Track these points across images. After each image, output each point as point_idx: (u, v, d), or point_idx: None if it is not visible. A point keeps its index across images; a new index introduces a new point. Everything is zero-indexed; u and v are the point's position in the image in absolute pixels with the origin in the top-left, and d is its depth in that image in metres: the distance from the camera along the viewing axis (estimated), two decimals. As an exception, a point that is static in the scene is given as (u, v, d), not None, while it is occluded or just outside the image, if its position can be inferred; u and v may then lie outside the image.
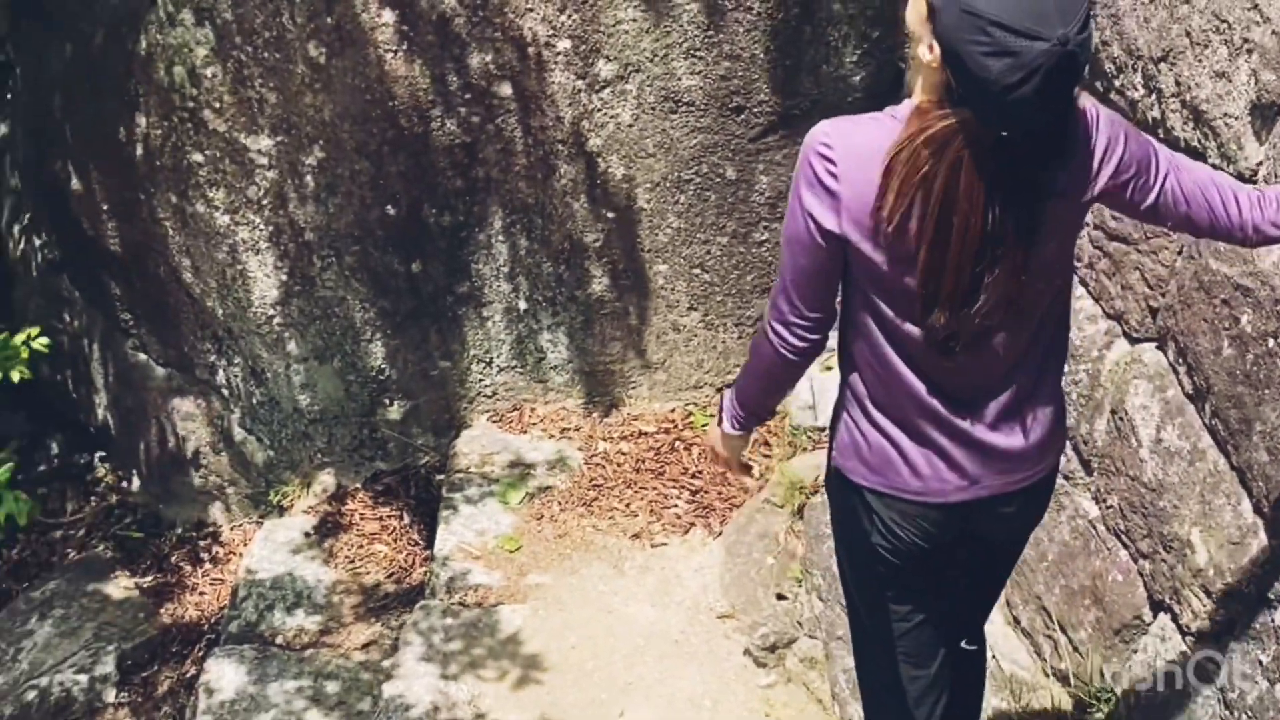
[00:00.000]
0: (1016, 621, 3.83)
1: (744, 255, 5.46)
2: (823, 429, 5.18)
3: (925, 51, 2.24)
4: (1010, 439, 2.62)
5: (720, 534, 5.12)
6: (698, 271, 5.52)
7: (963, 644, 3.06)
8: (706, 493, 5.32)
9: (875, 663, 3.07)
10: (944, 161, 2.22)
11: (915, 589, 2.86)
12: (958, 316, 2.35)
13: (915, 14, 2.28)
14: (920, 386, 2.55)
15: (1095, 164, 2.36)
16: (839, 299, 2.58)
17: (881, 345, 2.52)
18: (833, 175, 2.33)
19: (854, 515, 2.79)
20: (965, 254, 2.28)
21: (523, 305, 5.65)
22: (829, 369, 5.36)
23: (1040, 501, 2.87)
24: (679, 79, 5.13)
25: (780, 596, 4.67)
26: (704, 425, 5.63)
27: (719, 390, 5.75)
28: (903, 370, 2.54)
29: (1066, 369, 3.58)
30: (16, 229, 6.83)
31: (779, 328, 2.57)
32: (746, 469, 3.14)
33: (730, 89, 5.15)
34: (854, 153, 2.33)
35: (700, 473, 5.41)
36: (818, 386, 5.29)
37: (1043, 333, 2.57)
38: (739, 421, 2.91)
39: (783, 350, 2.59)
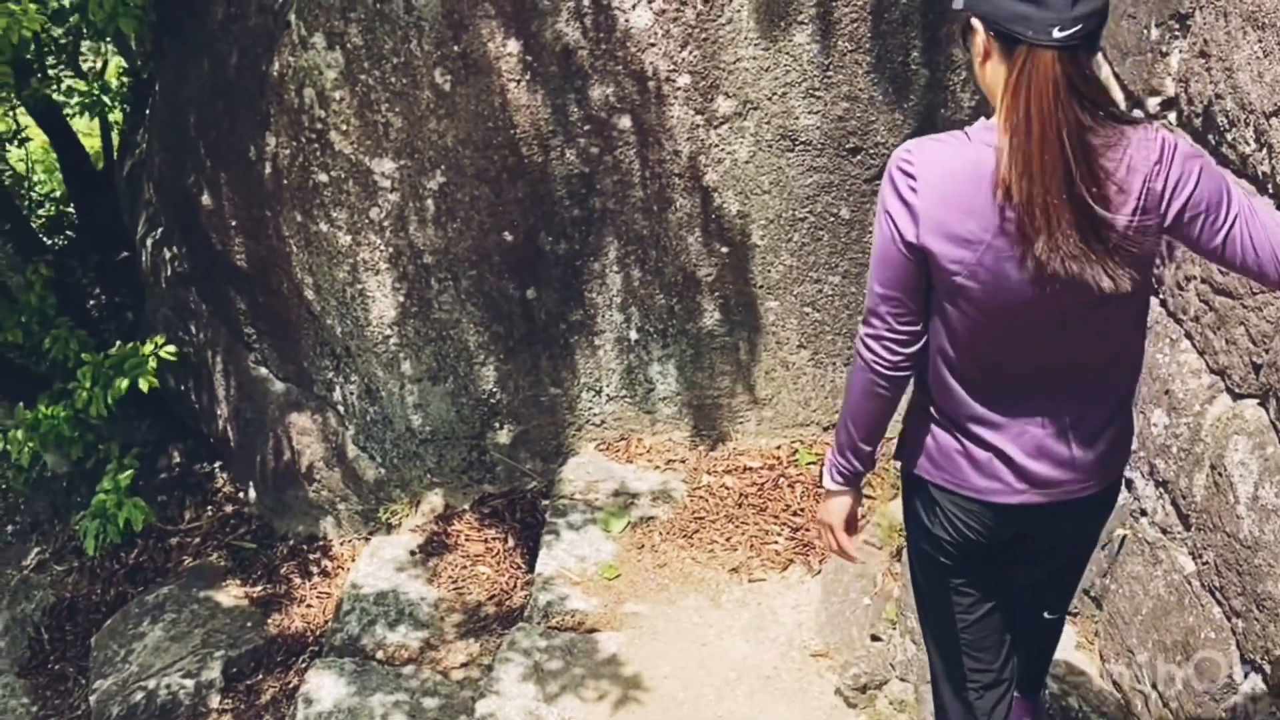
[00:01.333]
0: (1108, 674, 3.78)
1: (855, 295, 5.46)
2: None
3: (979, 44, 2.47)
4: (1075, 450, 2.72)
5: (819, 572, 5.11)
6: (809, 310, 5.52)
7: (1044, 615, 3.23)
8: (807, 530, 5.31)
9: (943, 660, 3.16)
10: (1030, 102, 2.37)
11: (977, 580, 2.98)
12: (1057, 241, 2.39)
13: (970, 38, 2.51)
14: (990, 393, 2.68)
15: (1168, 193, 2.44)
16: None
17: (953, 353, 2.65)
18: (912, 189, 2.48)
19: (920, 507, 2.91)
20: (1050, 170, 2.36)
21: (634, 336, 5.70)
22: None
23: (1100, 513, 2.95)
24: (797, 118, 5.16)
25: (874, 638, 4.64)
26: (810, 463, 5.63)
27: (826, 428, 5.75)
28: (973, 377, 2.67)
29: (1167, 422, 3.55)
30: (150, 242, 7.02)
31: (873, 345, 2.66)
32: (849, 540, 3.04)
33: (847, 129, 5.16)
34: (932, 167, 2.48)
35: (802, 510, 5.40)
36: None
37: (1118, 351, 2.70)
38: (840, 471, 2.92)
39: (878, 367, 2.67)
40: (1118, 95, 3.85)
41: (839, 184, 5.27)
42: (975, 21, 2.45)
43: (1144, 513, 3.65)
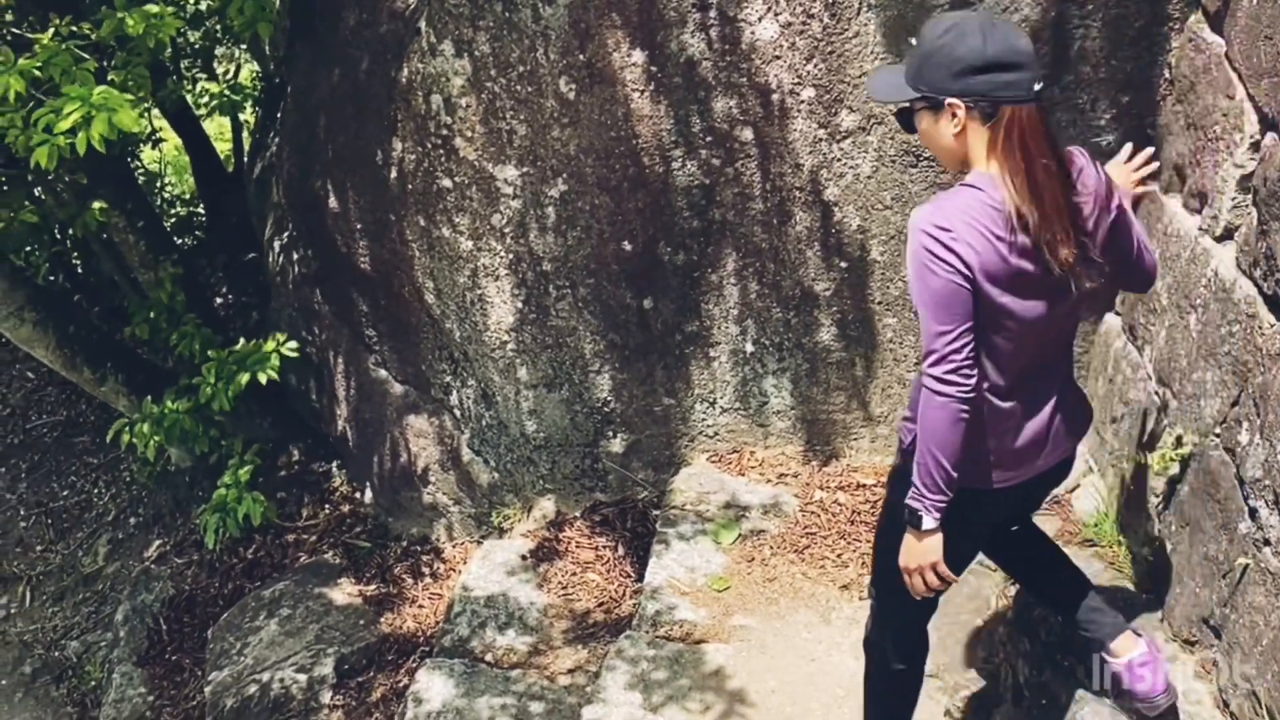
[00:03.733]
0: (1225, 705, 3.71)
1: (976, 314, 5.40)
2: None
3: (951, 119, 3.05)
4: (1066, 418, 3.39)
5: (930, 592, 5.05)
6: (927, 327, 5.46)
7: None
8: (920, 550, 5.25)
9: (915, 623, 3.82)
10: (1029, 145, 2.97)
11: (972, 557, 3.72)
12: (1073, 243, 3.01)
13: (929, 119, 3.12)
14: (1020, 389, 3.24)
15: (1112, 197, 3.18)
16: None
17: (992, 365, 3.17)
18: (953, 239, 2.97)
19: (965, 514, 3.30)
20: (1055, 194, 2.99)
21: (749, 348, 5.69)
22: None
23: (1073, 459, 3.59)
24: (921, 133, 5.11)
25: (986, 660, 4.59)
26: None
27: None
28: (1009, 382, 3.21)
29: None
30: (277, 243, 7.14)
31: (954, 378, 3.06)
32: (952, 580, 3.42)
33: (973, 146, 5.11)
34: (957, 218, 2.99)
35: (915, 529, 5.35)
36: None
37: (1073, 339, 3.46)
38: (938, 508, 3.22)
39: (963, 394, 3.07)
40: (1251, 116, 3.78)
41: (962, 201, 5.21)
42: (953, 101, 3.01)
43: (1267, 542, 3.57)
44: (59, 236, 8.16)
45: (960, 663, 4.63)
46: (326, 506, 7.22)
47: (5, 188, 6.26)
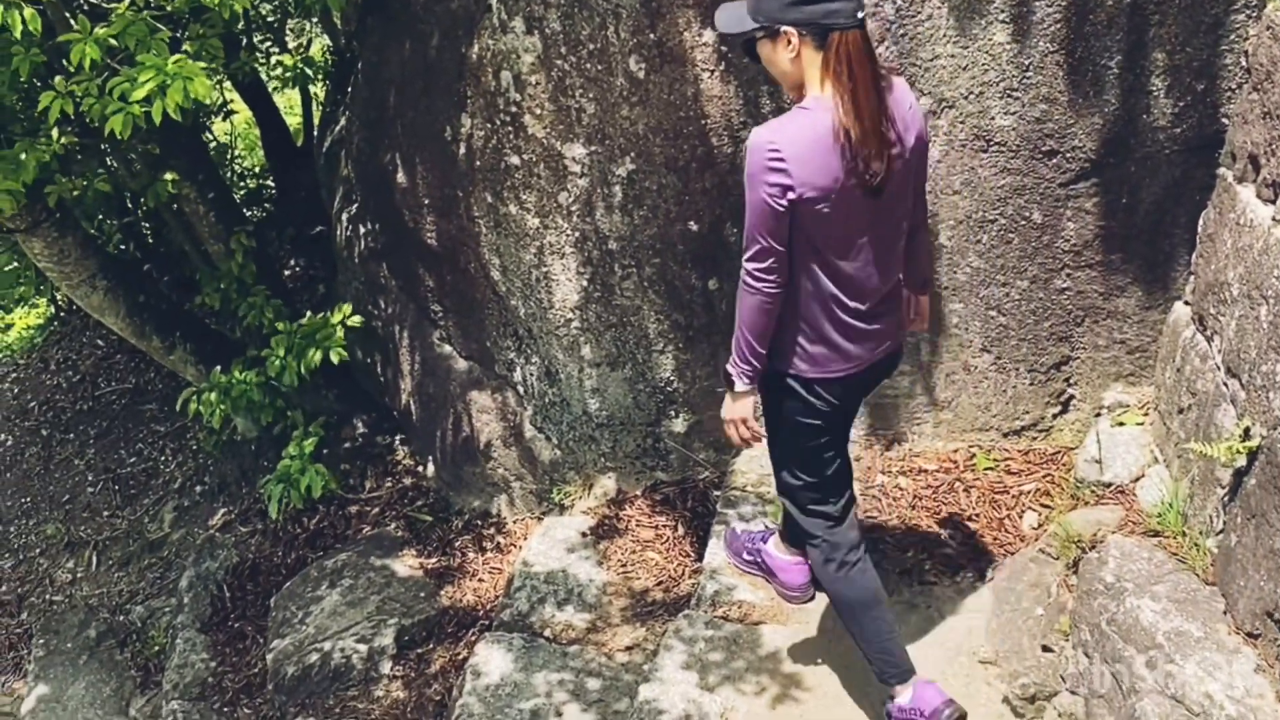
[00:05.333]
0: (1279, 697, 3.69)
1: (1043, 301, 5.35)
2: (1108, 484, 5.05)
3: (791, 46, 3.49)
4: (889, 319, 3.96)
5: (990, 579, 5.03)
6: (994, 313, 5.43)
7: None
8: (981, 537, 5.23)
9: (810, 502, 4.29)
10: (854, 68, 3.42)
11: (836, 436, 4.18)
12: (884, 159, 3.50)
13: (769, 46, 3.56)
14: (844, 293, 3.75)
15: (923, 124, 3.72)
16: None
17: (821, 269, 3.69)
18: (781, 160, 3.45)
19: (802, 393, 3.95)
20: (875, 113, 3.46)
21: (814, 331, 5.67)
22: (1120, 424, 5.23)
23: (899, 358, 4.27)
24: (992, 118, 5.07)
25: (1045, 649, 4.56)
26: (988, 468, 5.55)
27: (1006, 434, 5.66)
28: (837, 281, 3.73)
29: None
30: (345, 217, 7.19)
31: (766, 276, 3.64)
32: (759, 436, 4.13)
33: (1044, 132, 5.06)
34: (789, 140, 3.46)
35: (977, 516, 5.33)
36: (1105, 441, 5.15)
37: (899, 250, 3.89)
38: (748, 376, 3.89)
39: (773, 290, 3.67)
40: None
41: (1032, 187, 5.17)
42: (786, 29, 3.45)
43: (1334, 538, 3.54)
44: (131, 206, 8.25)
45: (1020, 650, 4.61)
46: (389, 479, 7.28)
47: (80, 156, 6.33)
